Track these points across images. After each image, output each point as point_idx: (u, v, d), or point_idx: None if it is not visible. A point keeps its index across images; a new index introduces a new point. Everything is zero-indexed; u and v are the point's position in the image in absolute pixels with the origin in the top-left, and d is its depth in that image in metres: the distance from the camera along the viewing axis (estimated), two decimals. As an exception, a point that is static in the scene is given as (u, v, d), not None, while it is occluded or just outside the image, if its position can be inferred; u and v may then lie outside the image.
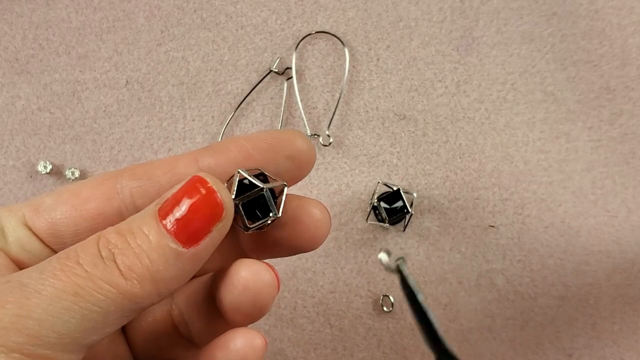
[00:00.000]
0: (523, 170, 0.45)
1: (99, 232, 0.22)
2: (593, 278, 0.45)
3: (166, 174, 0.25)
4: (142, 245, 0.21)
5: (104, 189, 0.25)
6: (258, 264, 0.25)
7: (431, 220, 0.45)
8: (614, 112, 0.46)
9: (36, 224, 0.25)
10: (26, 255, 0.25)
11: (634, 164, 0.45)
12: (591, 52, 0.46)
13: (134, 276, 0.21)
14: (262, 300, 0.25)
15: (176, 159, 0.26)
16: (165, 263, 0.21)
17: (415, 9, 0.46)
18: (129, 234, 0.22)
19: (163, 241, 0.21)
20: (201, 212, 0.22)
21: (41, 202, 0.25)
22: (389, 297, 0.44)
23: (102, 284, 0.21)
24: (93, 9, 0.46)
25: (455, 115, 0.46)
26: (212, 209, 0.22)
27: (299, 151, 0.25)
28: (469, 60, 0.46)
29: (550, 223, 0.45)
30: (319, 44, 0.46)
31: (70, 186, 0.26)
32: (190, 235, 0.22)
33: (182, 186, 0.22)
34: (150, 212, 0.22)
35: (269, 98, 0.46)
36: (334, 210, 0.45)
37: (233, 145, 0.25)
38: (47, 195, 0.26)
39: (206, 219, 0.22)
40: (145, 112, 0.45)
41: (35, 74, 0.45)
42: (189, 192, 0.22)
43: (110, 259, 0.21)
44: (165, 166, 0.25)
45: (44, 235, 0.25)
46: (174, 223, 0.22)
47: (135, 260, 0.21)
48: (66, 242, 0.25)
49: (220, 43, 0.46)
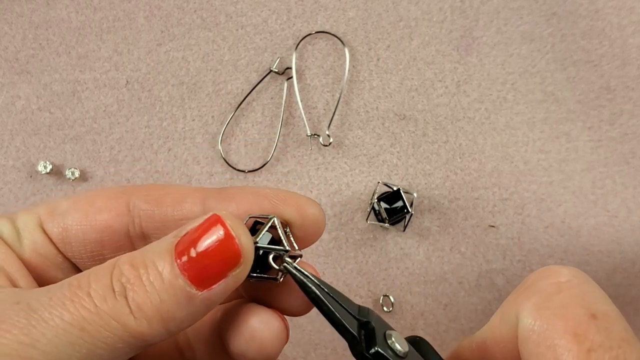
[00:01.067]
0: (523, 170, 0.45)
1: (115, 261, 0.21)
2: (593, 278, 0.44)
3: (174, 206, 0.25)
4: (155, 283, 0.20)
5: (117, 203, 0.25)
6: (268, 313, 0.24)
7: (431, 220, 0.45)
8: (614, 112, 0.46)
9: (50, 227, 0.25)
10: (39, 260, 0.25)
11: (634, 163, 0.45)
12: (591, 52, 0.46)
13: (143, 315, 0.20)
14: (270, 349, 0.24)
15: (186, 192, 0.25)
16: (176, 304, 0.21)
17: (416, 9, 0.46)
18: (143, 267, 0.21)
19: (176, 281, 0.20)
20: (218, 257, 0.21)
21: (57, 206, 0.25)
22: (389, 297, 0.44)
23: (110, 321, 0.20)
24: (93, 9, 0.46)
25: (455, 115, 0.46)
26: (229, 254, 0.21)
27: (310, 221, 0.24)
28: (469, 60, 0.46)
29: (550, 223, 0.45)
30: (319, 44, 0.46)
31: (88, 193, 0.26)
32: (204, 279, 0.21)
33: (201, 224, 0.21)
34: (166, 246, 0.21)
35: (269, 98, 0.46)
36: (334, 210, 0.45)
37: (242, 196, 0.25)
38: (64, 199, 0.26)
39: (222, 264, 0.21)
40: (145, 112, 0.45)
41: (35, 73, 0.45)
42: (206, 232, 0.21)
43: (121, 294, 0.20)
44: (174, 197, 0.25)
45: (57, 240, 0.25)
46: (189, 263, 0.21)
47: (146, 299, 0.20)
48: (73, 250, 0.25)
49: (221, 43, 0.46)
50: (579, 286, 0.22)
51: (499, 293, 0.45)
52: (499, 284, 0.45)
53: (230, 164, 0.45)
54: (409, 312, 0.44)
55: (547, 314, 0.21)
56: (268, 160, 0.45)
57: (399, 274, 0.45)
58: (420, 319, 0.44)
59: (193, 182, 0.45)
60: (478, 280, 0.45)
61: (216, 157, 0.45)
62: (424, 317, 0.44)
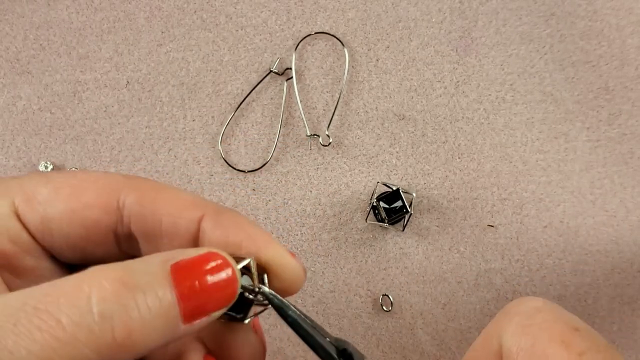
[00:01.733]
0: (522, 170, 0.45)
1: (90, 275, 0.19)
2: (591, 278, 0.45)
3: (168, 217, 0.24)
4: (152, 309, 0.19)
5: (106, 198, 0.24)
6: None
7: (430, 220, 0.45)
8: (613, 113, 0.46)
9: (28, 216, 0.23)
10: (12, 248, 0.23)
11: (632, 163, 0.46)
12: (590, 53, 0.46)
13: (129, 342, 0.18)
14: None
15: (182, 205, 0.24)
16: (161, 333, 0.19)
17: (415, 10, 0.47)
18: (139, 291, 0.19)
19: (172, 311, 0.19)
20: (217, 294, 0.20)
21: (35, 192, 0.23)
22: (389, 296, 0.44)
23: (84, 351, 0.18)
24: (94, 10, 0.46)
25: (454, 115, 0.46)
26: (227, 294, 0.21)
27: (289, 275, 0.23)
28: (468, 60, 0.46)
29: (549, 223, 0.45)
30: (318, 45, 0.47)
31: (69, 179, 0.24)
32: (195, 313, 0.20)
33: (204, 257, 0.21)
34: (161, 270, 0.20)
35: (269, 98, 0.46)
36: (334, 210, 0.45)
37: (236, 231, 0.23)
38: (42, 184, 0.23)
39: (217, 303, 0.20)
40: (145, 113, 0.46)
41: (36, 74, 0.46)
42: (215, 269, 0.20)
43: (105, 317, 0.18)
44: (170, 208, 0.24)
45: (34, 228, 0.23)
46: (189, 294, 0.20)
47: (140, 326, 0.18)
48: (54, 241, 0.24)
49: (221, 44, 0.46)
50: (555, 309, 0.23)
51: (498, 292, 0.45)
52: (497, 283, 0.45)
53: (230, 164, 0.45)
54: (408, 311, 0.45)
55: (532, 329, 0.22)
56: (268, 160, 0.45)
57: (398, 273, 0.45)
58: (419, 318, 0.45)
59: (193, 182, 0.45)
60: (477, 279, 0.45)
61: (216, 157, 0.46)
62: (422, 316, 0.45)
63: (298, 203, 0.45)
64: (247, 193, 0.45)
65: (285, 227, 0.45)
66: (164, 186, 0.25)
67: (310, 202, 0.45)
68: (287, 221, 0.45)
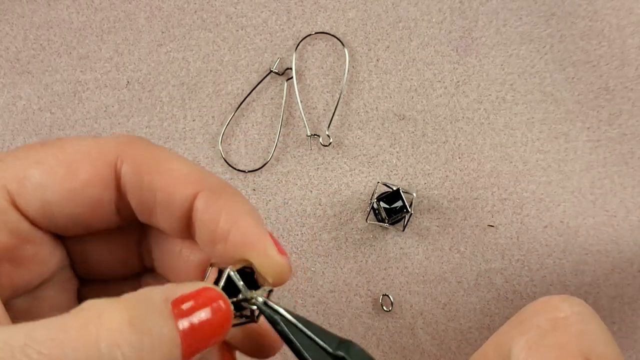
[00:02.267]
0: (522, 170, 0.45)
1: (95, 312, 0.18)
2: (592, 278, 0.45)
3: (163, 193, 0.23)
4: (157, 351, 0.18)
5: (103, 172, 0.23)
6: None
7: (430, 220, 0.45)
8: (613, 113, 0.46)
9: (25, 203, 0.22)
10: (11, 240, 0.23)
11: (632, 164, 0.46)
12: (590, 53, 0.46)
13: None
14: None
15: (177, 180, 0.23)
16: None
17: (415, 10, 0.47)
18: (146, 333, 0.18)
19: (174, 352, 0.19)
20: (214, 330, 0.21)
21: (27, 175, 0.22)
22: (389, 296, 0.44)
23: None
24: (94, 10, 0.46)
25: (454, 115, 0.46)
26: (220, 332, 0.21)
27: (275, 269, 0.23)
28: (468, 60, 0.46)
29: (549, 223, 0.45)
30: (318, 45, 0.47)
31: (58, 155, 0.23)
32: (194, 349, 0.20)
33: (200, 293, 0.21)
34: (165, 309, 0.20)
35: (269, 98, 0.46)
36: (334, 210, 0.45)
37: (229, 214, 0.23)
38: (32, 166, 0.23)
39: (213, 337, 0.21)
40: (145, 113, 0.46)
41: (36, 74, 0.46)
42: (205, 303, 0.20)
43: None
44: (165, 180, 0.23)
45: (34, 214, 0.23)
46: (189, 332, 0.20)
47: None
48: (57, 222, 0.23)
49: (221, 44, 0.46)
50: (577, 324, 0.21)
51: (498, 293, 0.45)
52: (497, 283, 0.45)
53: (230, 164, 0.45)
54: (408, 311, 0.45)
55: (541, 352, 0.21)
56: (268, 160, 0.45)
57: (399, 273, 0.45)
58: (419, 318, 0.45)
59: (193, 182, 0.45)
60: (477, 279, 0.45)
61: (216, 157, 0.46)
62: (423, 316, 0.45)
63: (298, 203, 0.45)
64: (247, 193, 0.45)
65: (286, 227, 0.45)
66: (161, 154, 0.24)
67: (311, 202, 0.45)
68: (287, 221, 0.45)
